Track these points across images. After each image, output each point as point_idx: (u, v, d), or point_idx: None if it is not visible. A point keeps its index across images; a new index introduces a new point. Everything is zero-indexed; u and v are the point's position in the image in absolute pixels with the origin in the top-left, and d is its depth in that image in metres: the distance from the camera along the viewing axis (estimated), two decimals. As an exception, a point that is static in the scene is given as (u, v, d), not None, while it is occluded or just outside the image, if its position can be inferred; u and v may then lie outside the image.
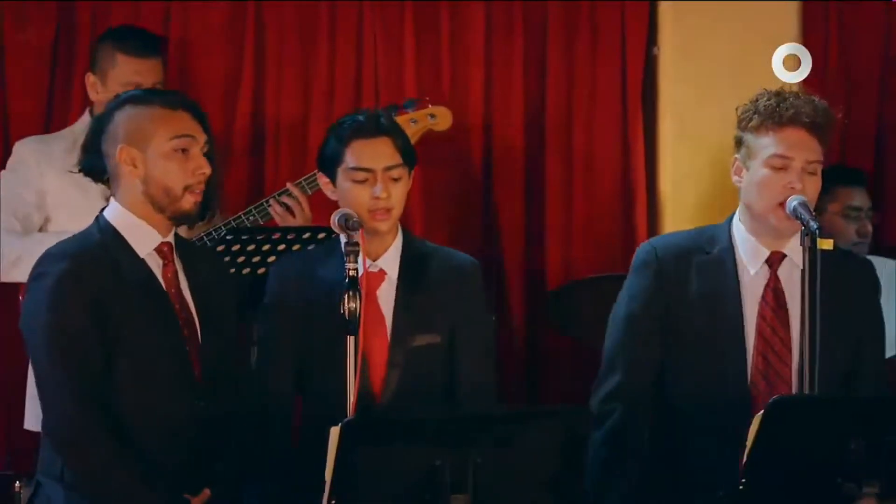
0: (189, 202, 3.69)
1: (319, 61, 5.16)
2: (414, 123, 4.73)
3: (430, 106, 4.81)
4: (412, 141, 4.30)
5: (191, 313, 3.73)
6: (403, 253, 4.05)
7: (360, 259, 3.65)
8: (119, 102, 3.74)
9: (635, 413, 3.96)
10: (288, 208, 4.65)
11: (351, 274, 3.61)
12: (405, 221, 4.23)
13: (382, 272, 4.02)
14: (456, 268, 4.08)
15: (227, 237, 4.47)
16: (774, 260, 3.96)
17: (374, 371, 3.96)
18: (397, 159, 4.01)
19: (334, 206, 3.97)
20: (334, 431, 3.25)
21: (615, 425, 3.93)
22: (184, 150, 3.68)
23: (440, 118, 4.82)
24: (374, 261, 4.01)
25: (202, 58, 5.13)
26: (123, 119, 3.70)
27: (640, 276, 4.00)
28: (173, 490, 3.63)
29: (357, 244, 3.66)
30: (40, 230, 4.69)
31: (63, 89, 5.07)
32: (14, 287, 4.54)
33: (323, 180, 4.10)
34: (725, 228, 4.01)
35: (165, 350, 3.67)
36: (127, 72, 4.67)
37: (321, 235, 4.36)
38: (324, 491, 3.28)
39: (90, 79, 4.74)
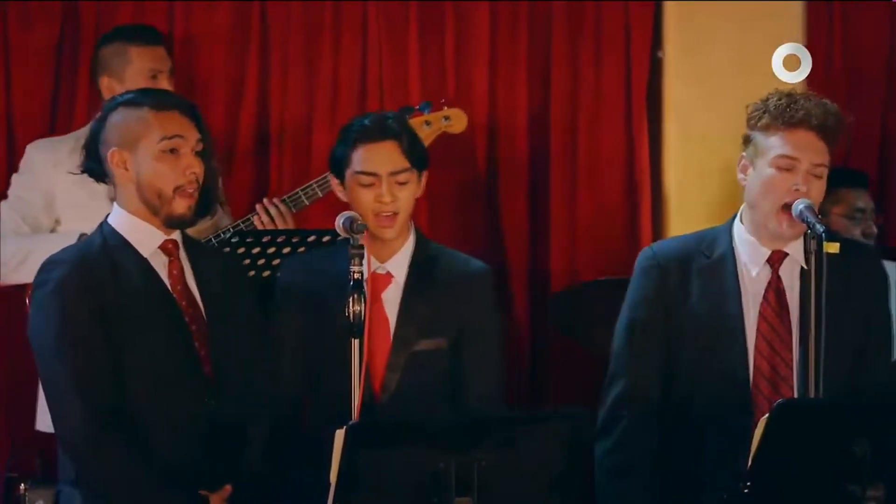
0: (181, 206, 3.67)
1: (324, 61, 5.16)
2: (428, 126, 4.72)
3: (444, 108, 4.81)
4: (426, 143, 4.30)
5: (199, 310, 3.72)
6: (413, 257, 4.04)
7: (364, 262, 3.65)
8: (112, 106, 3.73)
9: (642, 420, 3.94)
10: (272, 221, 4.63)
11: (355, 277, 3.61)
12: (409, 222, 4.23)
13: (389, 275, 4.02)
14: (464, 273, 4.06)
15: (232, 240, 4.47)
16: (776, 259, 3.95)
17: (375, 373, 3.95)
18: (404, 163, 3.99)
19: (341, 209, 3.95)
20: (339, 434, 3.25)
21: (623, 433, 3.92)
22: (173, 151, 3.66)
23: (455, 120, 4.82)
24: (382, 263, 4.00)
25: (206, 58, 5.13)
26: (115, 123, 3.70)
27: (642, 283, 4.00)
28: (189, 488, 3.61)
29: (361, 247, 3.66)
30: (51, 232, 4.68)
31: (68, 89, 5.08)
32: (19, 290, 4.55)
33: (334, 182, 4.10)
34: (726, 231, 4.01)
35: (172, 348, 3.66)
36: (145, 61, 4.68)
37: (326, 238, 4.36)
38: (328, 493, 3.28)
39: (105, 82, 4.72)
